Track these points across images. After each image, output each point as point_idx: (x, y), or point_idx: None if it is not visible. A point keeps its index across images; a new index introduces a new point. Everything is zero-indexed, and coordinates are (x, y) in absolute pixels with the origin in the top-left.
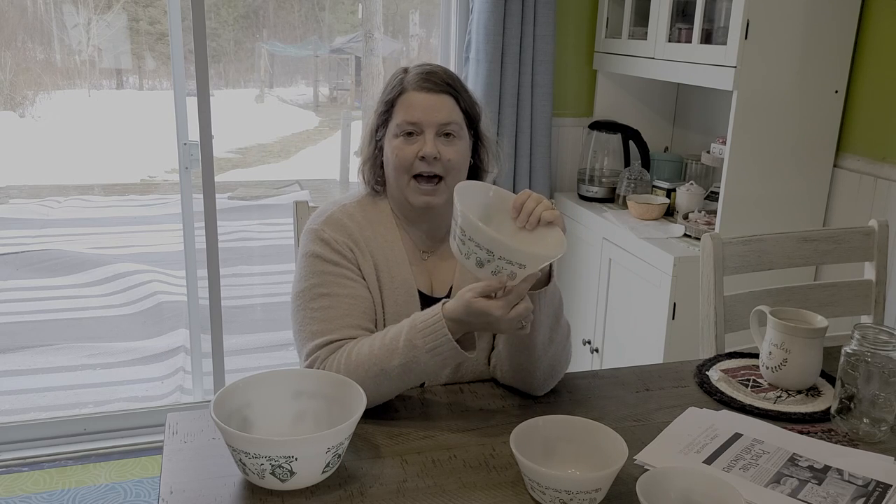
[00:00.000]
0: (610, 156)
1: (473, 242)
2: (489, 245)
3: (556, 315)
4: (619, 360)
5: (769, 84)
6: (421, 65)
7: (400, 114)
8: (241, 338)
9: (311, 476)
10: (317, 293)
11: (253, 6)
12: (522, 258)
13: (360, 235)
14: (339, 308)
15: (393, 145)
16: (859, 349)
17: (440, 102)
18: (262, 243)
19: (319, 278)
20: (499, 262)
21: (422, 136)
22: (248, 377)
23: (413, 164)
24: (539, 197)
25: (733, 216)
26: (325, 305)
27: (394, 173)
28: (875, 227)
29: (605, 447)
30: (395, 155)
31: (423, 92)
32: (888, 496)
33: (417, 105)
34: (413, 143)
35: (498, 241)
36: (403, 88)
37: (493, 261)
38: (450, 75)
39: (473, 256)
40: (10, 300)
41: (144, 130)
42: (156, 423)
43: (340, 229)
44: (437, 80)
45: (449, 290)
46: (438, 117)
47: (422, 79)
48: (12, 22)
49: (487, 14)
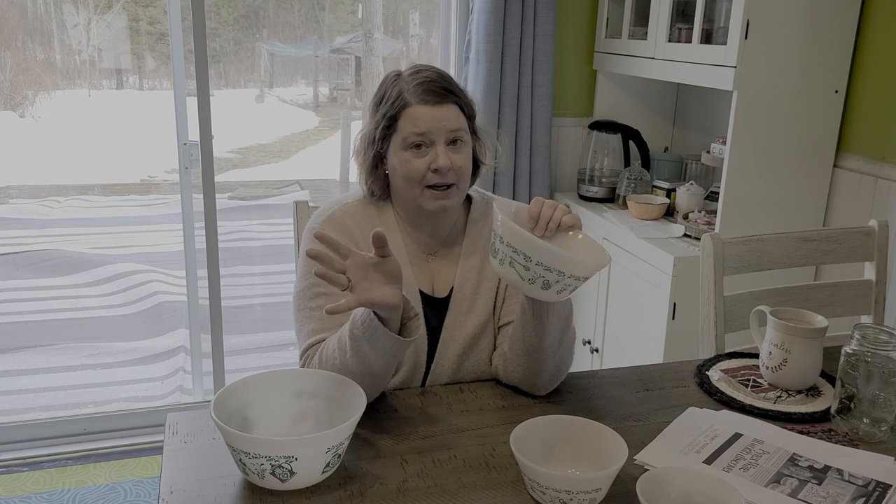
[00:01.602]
0: (610, 156)
1: (541, 266)
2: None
3: (567, 319)
4: (619, 360)
5: (769, 84)
6: (416, 71)
7: (407, 127)
8: (241, 338)
9: (311, 476)
10: (315, 292)
11: (253, 6)
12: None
13: (361, 235)
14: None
15: (402, 158)
16: (859, 349)
17: (446, 112)
18: (262, 243)
19: (317, 278)
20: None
21: (431, 146)
22: (248, 377)
23: (426, 176)
24: (553, 203)
25: (733, 216)
26: (322, 305)
27: (405, 185)
28: (875, 227)
29: (605, 447)
30: (406, 168)
31: (429, 105)
32: (888, 496)
33: (425, 118)
34: (423, 156)
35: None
36: (406, 102)
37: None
38: (447, 79)
39: (540, 280)
40: (10, 300)
41: (144, 130)
42: (156, 423)
43: (340, 228)
44: (438, 90)
45: (450, 291)
46: (447, 126)
47: (424, 90)
48: (12, 22)
49: (487, 14)
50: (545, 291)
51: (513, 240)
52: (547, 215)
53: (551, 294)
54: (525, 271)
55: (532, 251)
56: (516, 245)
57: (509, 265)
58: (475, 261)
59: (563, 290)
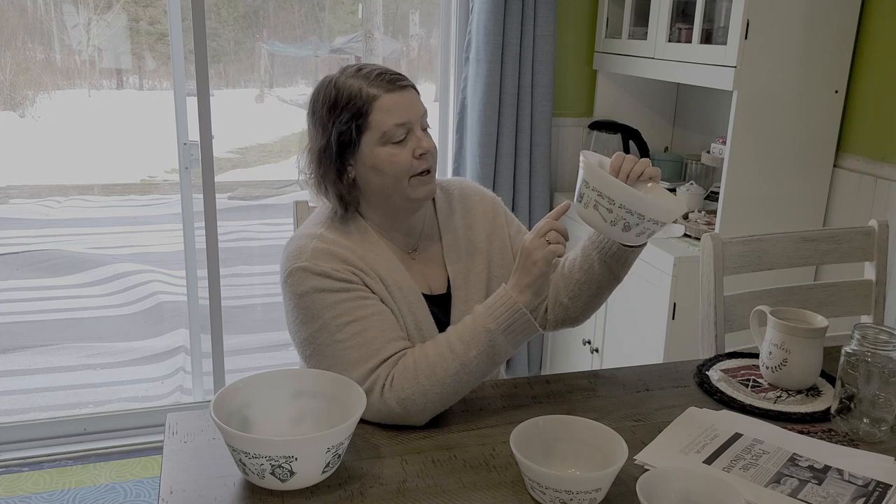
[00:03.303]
0: (610, 156)
1: (596, 192)
2: (611, 193)
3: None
4: (619, 360)
5: (769, 84)
6: (358, 69)
7: (385, 120)
8: (241, 338)
9: (311, 476)
10: (342, 323)
11: (253, 6)
12: (656, 213)
13: (356, 256)
14: (372, 328)
15: (385, 154)
16: (859, 349)
17: (414, 97)
18: (262, 243)
19: (336, 309)
20: (618, 212)
21: (408, 136)
22: (247, 377)
23: (411, 165)
24: (634, 158)
25: (733, 216)
26: (356, 331)
27: (391, 181)
28: (875, 227)
29: (605, 447)
30: (393, 162)
31: (397, 92)
32: (888, 496)
33: (400, 105)
34: (405, 146)
35: (621, 188)
36: (373, 95)
37: (613, 210)
38: (392, 69)
39: (621, 222)
40: (10, 300)
41: (144, 130)
42: (156, 423)
43: (332, 258)
44: (396, 77)
45: (448, 287)
46: (420, 111)
47: (386, 80)
48: (12, 22)
49: (487, 14)
50: (625, 233)
51: (598, 184)
52: (627, 168)
53: (630, 236)
54: (608, 213)
55: (616, 195)
56: (601, 189)
57: (594, 208)
58: (459, 247)
59: (641, 233)
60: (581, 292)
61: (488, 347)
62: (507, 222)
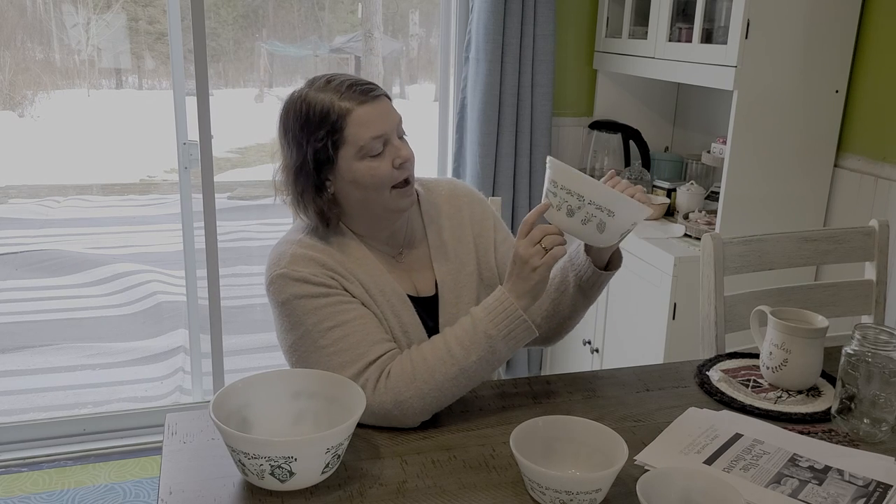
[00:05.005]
0: (610, 156)
1: (565, 190)
2: (580, 189)
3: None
4: (620, 360)
5: (770, 84)
6: (327, 81)
7: (361, 134)
8: (241, 338)
9: (311, 476)
10: (323, 329)
11: (253, 6)
12: (612, 204)
13: (334, 261)
14: (355, 333)
15: (365, 168)
16: (860, 349)
17: (387, 106)
18: (262, 243)
19: (317, 315)
20: (588, 208)
21: (385, 146)
22: (247, 377)
23: (392, 176)
24: (629, 183)
25: (734, 216)
26: (339, 337)
27: (372, 194)
28: (875, 227)
29: (605, 447)
30: (373, 175)
31: (370, 103)
32: (889, 497)
33: (375, 117)
34: (383, 158)
35: (591, 183)
36: (346, 109)
37: (583, 207)
38: (362, 78)
39: (564, 206)
40: (10, 300)
41: (144, 130)
42: (155, 424)
43: (310, 263)
44: (367, 87)
45: (435, 289)
46: (395, 119)
47: (357, 92)
48: (12, 22)
49: (487, 14)
50: (600, 234)
51: (567, 181)
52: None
53: (604, 237)
54: (579, 211)
55: (586, 190)
56: (570, 186)
57: (566, 210)
58: (446, 248)
59: (614, 231)
60: (556, 312)
61: (488, 353)
62: (496, 228)
